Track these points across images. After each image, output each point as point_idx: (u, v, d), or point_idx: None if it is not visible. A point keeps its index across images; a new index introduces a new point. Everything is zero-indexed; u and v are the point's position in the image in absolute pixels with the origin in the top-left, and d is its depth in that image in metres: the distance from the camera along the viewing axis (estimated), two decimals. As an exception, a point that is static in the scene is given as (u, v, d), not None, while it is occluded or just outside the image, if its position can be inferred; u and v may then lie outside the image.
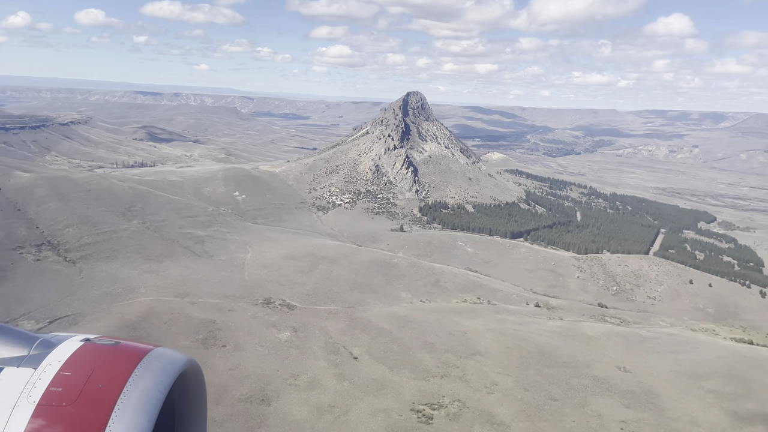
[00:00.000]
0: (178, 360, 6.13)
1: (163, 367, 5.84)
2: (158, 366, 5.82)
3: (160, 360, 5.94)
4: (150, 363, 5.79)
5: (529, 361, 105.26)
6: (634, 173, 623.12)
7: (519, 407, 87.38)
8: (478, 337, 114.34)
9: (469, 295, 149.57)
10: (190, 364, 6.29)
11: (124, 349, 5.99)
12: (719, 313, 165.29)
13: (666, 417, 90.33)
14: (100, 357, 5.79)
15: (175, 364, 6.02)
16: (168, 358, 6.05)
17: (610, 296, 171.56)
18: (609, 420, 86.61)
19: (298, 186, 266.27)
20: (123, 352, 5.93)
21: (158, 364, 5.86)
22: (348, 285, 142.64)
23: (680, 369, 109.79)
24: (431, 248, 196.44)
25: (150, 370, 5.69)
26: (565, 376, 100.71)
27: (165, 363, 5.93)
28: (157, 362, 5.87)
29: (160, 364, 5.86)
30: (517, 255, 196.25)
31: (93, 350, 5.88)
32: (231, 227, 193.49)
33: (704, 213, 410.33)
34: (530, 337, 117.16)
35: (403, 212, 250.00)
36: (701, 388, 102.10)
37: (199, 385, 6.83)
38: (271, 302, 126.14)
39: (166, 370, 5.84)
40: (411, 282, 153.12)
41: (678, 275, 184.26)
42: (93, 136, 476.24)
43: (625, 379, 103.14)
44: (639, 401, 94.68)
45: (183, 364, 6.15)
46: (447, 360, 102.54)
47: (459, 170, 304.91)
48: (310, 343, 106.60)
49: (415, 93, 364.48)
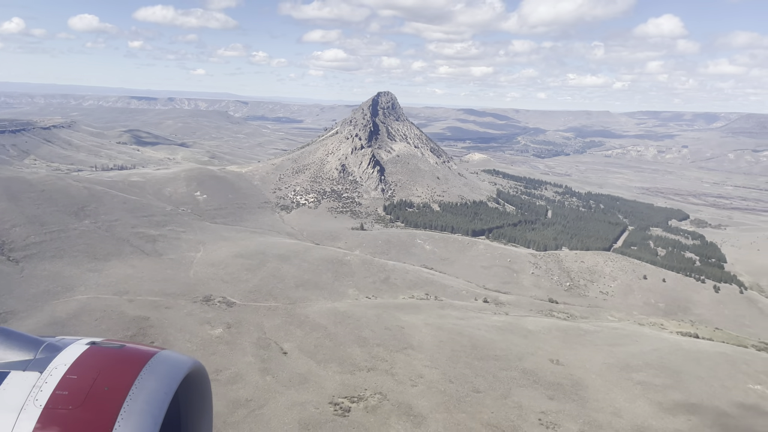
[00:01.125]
0: (183, 363, 6.14)
1: (169, 370, 5.84)
2: (164, 369, 5.82)
3: (166, 363, 5.94)
4: (155, 366, 5.78)
5: (460, 355, 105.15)
6: (621, 173, 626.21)
7: (440, 399, 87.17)
8: (414, 331, 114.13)
9: (418, 291, 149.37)
10: (195, 366, 6.31)
11: (130, 352, 6.00)
12: (670, 307, 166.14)
13: (588, 408, 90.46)
14: (105, 360, 5.78)
15: (180, 367, 6.03)
16: (173, 361, 6.06)
17: (562, 292, 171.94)
18: (529, 411, 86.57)
19: (264, 186, 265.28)
20: (128, 355, 5.93)
21: (163, 367, 5.85)
22: (294, 282, 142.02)
23: (613, 361, 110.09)
24: (389, 246, 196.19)
25: (155, 373, 5.69)
26: (494, 369, 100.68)
27: (170, 366, 5.94)
28: (163, 365, 5.87)
29: (165, 367, 5.86)
30: (475, 252, 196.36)
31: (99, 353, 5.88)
32: (187, 226, 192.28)
33: (678, 211, 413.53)
34: (467, 332, 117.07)
35: (368, 211, 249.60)
36: (631, 380, 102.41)
37: (205, 388, 6.86)
38: (210, 299, 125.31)
39: (172, 372, 5.85)
40: (360, 279, 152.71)
41: (633, 271, 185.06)
42: (75, 140, 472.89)
43: (555, 372, 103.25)
44: (564, 393, 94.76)
45: (188, 366, 6.15)
46: (377, 354, 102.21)
47: (428, 169, 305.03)
48: (241, 339, 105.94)
49: (385, 93, 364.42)
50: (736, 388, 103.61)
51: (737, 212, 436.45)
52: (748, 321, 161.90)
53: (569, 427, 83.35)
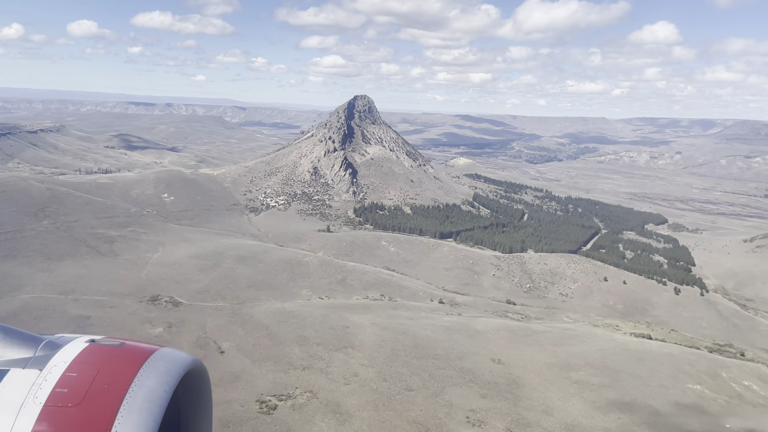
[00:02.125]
0: (183, 360, 6.09)
1: (168, 367, 5.80)
2: (163, 366, 5.77)
3: (165, 360, 5.89)
4: (155, 363, 5.74)
5: (399, 354, 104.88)
6: (611, 179, 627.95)
7: (370, 397, 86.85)
8: (358, 331, 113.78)
9: (374, 292, 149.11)
10: (195, 364, 6.26)
11: (129, 350, 5.94)
12: (628, 309, 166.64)
13: (520, 406, 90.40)
14: (105, 358, 5.73)
15: (180, 364, 5.98)
16: (173, 358, 6.01)
17: (522, 293, 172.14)
18: (458, 409, 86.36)
19: (234, 188, 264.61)
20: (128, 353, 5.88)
21: (163, 364, 5.81)
22: (247, 283, 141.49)
23: (554, 361, 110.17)
24: (353, 248, 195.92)
25: (155, 371, 5.65)
26: (432, 368, 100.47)
27: (170, 363, 5.89)
28: (162, 362, 5.82)
29: (165, 365, 5.81)
30: (439, 254, 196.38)
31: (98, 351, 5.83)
32: (149, 228, 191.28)
33: (657, 215, 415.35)
34: (413, 331, 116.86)
35: (337, 214, 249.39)
36: (568, 379, 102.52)
37: (204, 385, 6.82)
38: (157, 299, 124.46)
39: (171, 370, 5.80)
40: (317, 280, 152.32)
41: (594, 273, 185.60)
42: (61, 143, 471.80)
43: (494, 371, 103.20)
44: (498, 391, 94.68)
45: (188, 364, 6.11)
46: (315, 353, 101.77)
47: (402, 173, 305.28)
48: (180, 338, 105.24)
49: (362, 97, 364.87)
50: (674, 388, 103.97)
51: (722, 217, 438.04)
52: (705, 323, 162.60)
53: (496, 425, 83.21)
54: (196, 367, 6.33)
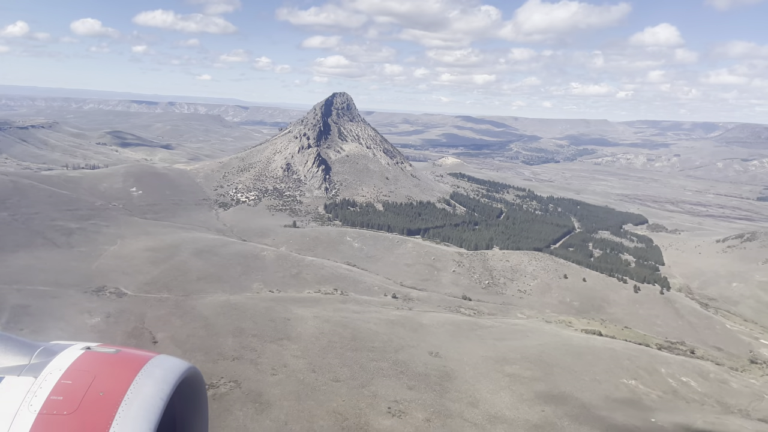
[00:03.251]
0: (179, 367, 6.07)
1: (164, 375, 5.76)
2: (159, 373, 5.73)
3: (161, 367, 5.85)
4: (151, 370, 5.69)
5: (335, 346, 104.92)
6: (606, 180, 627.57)
7: (294, 388, 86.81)
8: (299, 323, 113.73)
9: (327, 286, 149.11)
10: (191, 371, 6.24)
11: (125, 357, 5.92)
12: (584, 306, 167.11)
13: (446, 398, 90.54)
14: (100, 365, 5.68)
15: (175, 371, 5.95)
16: (169, 365, 5.98)
17: (480, 289, 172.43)
18: (382, 399, 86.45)
19: (206, 183, 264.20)
20: (124, 360, 5.84)
21: (159, 371, 5.76)
22: (197, 275, 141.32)
23: (492, 354, 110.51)
24: (316, 243, 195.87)
25: (151, 378, 5.60)
26: (365, 360, 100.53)
27: (166, 370, 5.85)
28: (158, 369, 5.78)
29: (161, 372, 5.77)
30: (403, 250, 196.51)
31: (94, 358, 5.77)
32: (112, 221, 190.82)
33: (638, 216, 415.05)
34: (355, 325, 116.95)
35: (308, 210, 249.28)
36: (501, 372, 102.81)
37: (201, 392, 6.79)
38: (102, 290, 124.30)
39: (167, 377, 5.76)
40: (271, 274, 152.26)
41: (555, 270, 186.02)
42: (52, 140, 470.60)
43: (428, 363, 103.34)
44: (428, 383, 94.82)
45: (184, 370, 6.08)
46: (249, 344, 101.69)
47: (377, 170, 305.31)
48: (116, 328, 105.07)
49: (341, 94, 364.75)
50: (607, 382, 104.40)
51: (710, 219, 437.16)
52: (660, 321, 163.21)
53: (416, 416, 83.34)
54: (192, 374, 6.32)
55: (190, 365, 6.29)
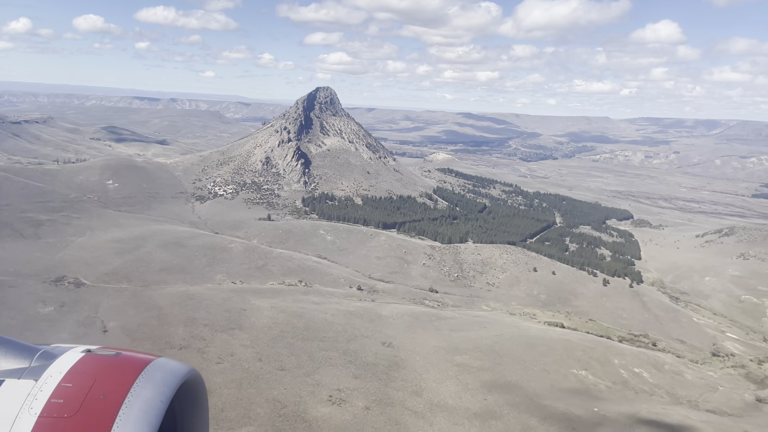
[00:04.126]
0: (179, 370, 6.08)
1: (165, 378, 5.76)
2: (160, 376, 5.73)
3: (162, 370, 5.87)
4: (151, 373, 5.70)
5: (287, 335, 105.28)
6: (601, 177, 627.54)
7: (238, 376, 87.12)
8: (254, 314, 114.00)
9: (292, 278, 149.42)
10: (191, 373, 6.25)
11: (126, 360, 5.91)
12: (551, 299, 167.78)
13: (390, 387, 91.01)
14: (101, 368, 5.67)
15: (176, 374, 5.96)
16: (169, 368, 5.99)
17: (448, 282, 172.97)
18: (325, 388, 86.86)
19: (185, 176, 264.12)
20: (124, 363, 5.84)
21: (159, 374, 5.77)
22: (160, 266, 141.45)
23: (445, 345, 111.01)
24: (289, 236, 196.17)
25: (151, 381, 5.60)
26: (314, 349, 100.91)
27: (166, 373, 5.86)
28: (159, 372, 5.79)
29: (161, 375, 5.77)
30: (375, 243, 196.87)
31: (94, 361, 5.77)
32: (84, 213, 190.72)
33: (623, 211, 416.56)
34: (310, 315, 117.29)
35: (285, 203, 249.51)
36: (451, 362, 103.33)
37: (201, 395, 6.82)
38: (61, 280, 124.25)
39: (168, 380, 5.77)
40: (236, 266, 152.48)
41: (526, 263, 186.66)
42: (45, 135, 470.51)
43: (379, 353, 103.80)
44: (374, 373, 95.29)
45: (184, 373, 6.10)
46: (199, 333, 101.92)
47: (359, 164, 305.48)
48: (68, 317, 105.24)
49: (324, 88, 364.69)
50: (556, 373, 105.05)
51: (701, 215, 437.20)
52: (626, 314, 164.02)
53: (356, 404, 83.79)
54: (193, 377, 6.32)
55: (191, 368, 6.34)
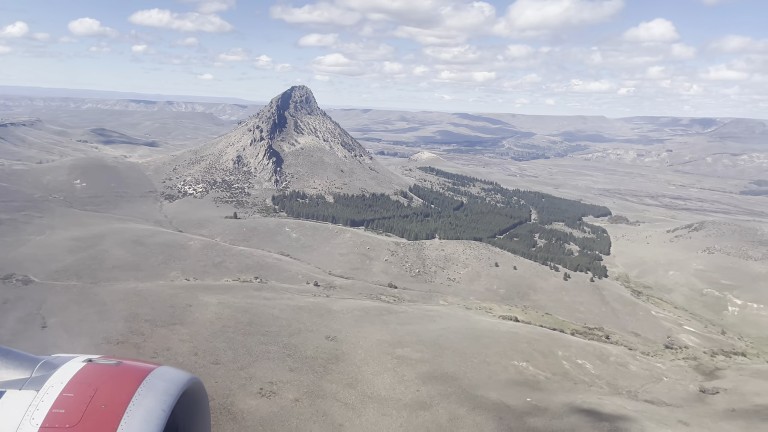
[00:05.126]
0: (180, 378, 6.07)
1: (166, 386, 5.77)
2: (161, 385, 5.74)
3: (163, 379, 5.87)
4: (153, 382, 5.71)
5: (228, 330, 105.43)
6: (591, 176, 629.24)
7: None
8: (199, 309, 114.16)
9: (248, 274, 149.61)
10: (193, 382, 6.23)
11: (127, 369, 5.94)
12: (509, 293, 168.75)
13: (325, 379, 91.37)
14: (102, 377, 5.68)
15: (177, 383, 5.96)
16: (171, 377, 6.00)
17: (409, 278, 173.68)
18: (257, 381, 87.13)
19: (156, 176, 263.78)
20: (125, 372, 5.86)
21: (161, 383, 5.77)
22: (114, 264, 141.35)
23: (389, 338, 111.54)
24: (253, 234, 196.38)
25: (153, 390, 5.60)
26: (254, 343, 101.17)
27: (168, 382, 5.87)
28: (160, 381, 5.80)
29: (162, 383, 5.78)
30: (340, 240, 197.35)
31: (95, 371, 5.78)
32: (47, 212, 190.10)
33: (602, 208, 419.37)
34: (257, 310, 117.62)
35: (255, 201, 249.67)
36: (392, 355, 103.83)
37: (203, 403, 6.79)
38: (10, 278, 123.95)
39: (169, 388, 5.77)
40: (193, 263, 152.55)
41: (488, 259, 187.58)
42: (30, 137, 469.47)
43: (320, 347, 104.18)
44: (311, 366, 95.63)
45: (186, 382, 6.09)
46: (139, 329, 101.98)
47: (333, 162, 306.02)
48: (9, 314, 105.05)
49: (300, 87, 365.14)
50: (497, 364, 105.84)
51: (686, 212, 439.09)
52: (584, 307, 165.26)
53: (286, 396, 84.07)
54: (194, 386, 6.33)
55: (192, 376, 6.35)
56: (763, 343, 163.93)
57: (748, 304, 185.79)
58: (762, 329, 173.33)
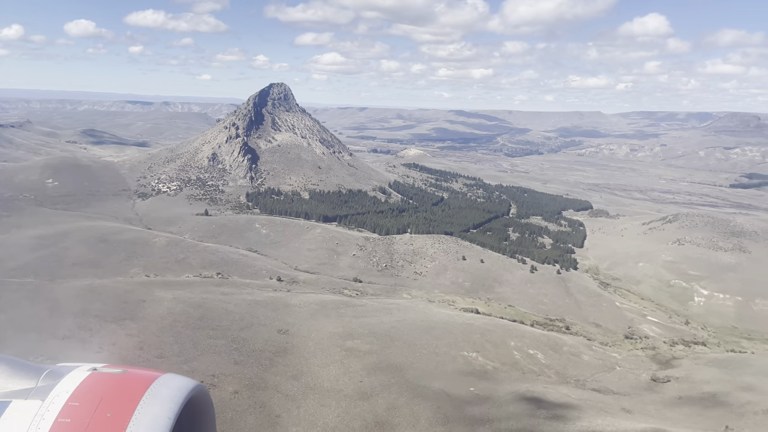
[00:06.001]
0: (185, 385, 6.10)
1: (171, 394, 5.80)
2: (166, 392, 5.77)
3: (168, 386, 5.90)
4: (158, 390, 5.75)
5: (178, 325, 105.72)
6: (583, 171, 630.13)
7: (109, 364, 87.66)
8: (152, 305, 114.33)
9: (210, 270, 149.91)
10: (198, 389, 6.29)
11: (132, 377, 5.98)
12: (474, 286, 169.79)
13: (270, 372, 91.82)
14: (107, 386, 5.73)
15: (182, 390, 5.99)
16: (175, 384, 6.02)
17: (375, 272, 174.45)
18: (199, 374, 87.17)
19: (130, 174, 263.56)
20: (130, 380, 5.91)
21: (166, 390, 5.81)
22: (74, 261, 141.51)
23: (341, 331, 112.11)
24: (222, 230, 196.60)
25: (158, 398, 5.64)
26: (202, 337, 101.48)
27: (173, 389, 5.90)
28: (165, 388, 5.84)
29: (167, 391, 5.81)
30: (310, 236, 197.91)
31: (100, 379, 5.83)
32: (16, 211, 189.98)
33: (584, 202, 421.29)
34: (211, 305, 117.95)
35: (229, 199, 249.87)
36: (341, 347, 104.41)
37: (208, 409, 6.78)
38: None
39: (174, 396, 5.80)
40: (155, 259, 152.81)
41: (456, 252, 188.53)
42: (18, 138, 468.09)
43: (270, 340, 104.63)
44: (258, 359, 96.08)
45: (191, 389, 6.12)
46: (87, 324, 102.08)
47: (310, 159, 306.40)
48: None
49: (278, 84, 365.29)
50: (446, 355, 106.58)
51: (673, 206, 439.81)
52: (548, 299, 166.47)
53: (226, 388, 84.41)
54: (199, 392, 6.37)
55: (198, 383, 6.42)
56: (725, 333, 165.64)
57: (714, 295, 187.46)
58: (726, 319, 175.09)
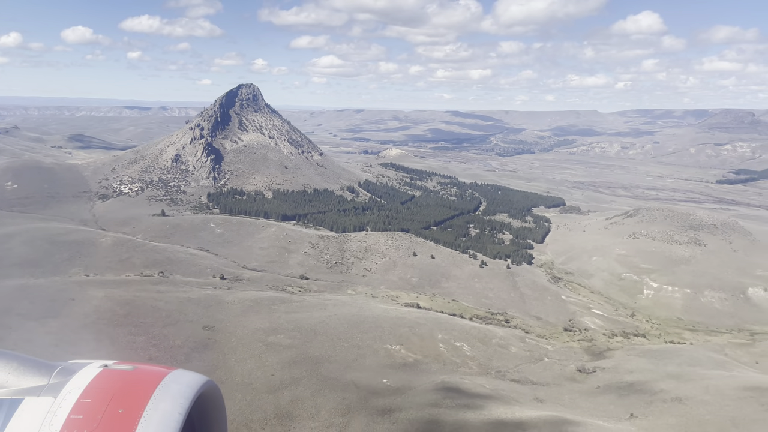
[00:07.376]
0: (196, 381, 6.17)
1: (182, 390, 5.86)
2: (177, 388, 5.82)
3: (178, 382, 5.96)
4: (168, 386, 5.80)
5: (101, 322, 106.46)
6: (571, 169, 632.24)
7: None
8: (81, 303, 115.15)
9: (153, 269, 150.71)
10: (208, 384, 6.33)
11: (142, 374, 6.06)
12: (421, 282, 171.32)
13: (184, 367, 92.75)
14: (118, 383, 5.78)
15: (193, 386, 6.05)
16: (186, 380, 6.09)
17: (324, 269, 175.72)
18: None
19: (93, 176, 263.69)
20: (141, 377, 5.96)
21: (176, 386, 5.86)
22: (13, 261, 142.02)
23: (267, 326, 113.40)
24: (176, 230, 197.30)
25: (169, 393, 5.70)
26: (123, 334, 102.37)
27: (183, 385, 5.96)
28: (176, 385, 5.89)
29: (178, 387, 5.87)
30: (265, 235, 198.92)
31: (111, 376, 5.87)
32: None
33: (557, 198, 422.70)
34: (140, 303, 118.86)
35: (190, 199, 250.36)
36: (263, 342, 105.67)
37: (218, 405, 6.89)
38: None
39: (185, 392, 5.86)
40: (98, 259, 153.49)
41: (408, 249, 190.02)
42: (2, 144, 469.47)
43: (192, 336, 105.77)
44: (173, 355, 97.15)
45: (201, 384, 6.18)
46: (7, 323, 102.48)
47: (277, 159, 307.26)
48: None
49: (247, 85, 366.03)
50: (368, 348, 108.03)
51: (655, 202, 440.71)
52: (492, 294, 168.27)
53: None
54: (210, 388, 6.41)
55: (208, 379, 6.42)
56: (669, 325, 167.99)
57: (663, 287, 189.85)
58: (672, 311, 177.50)
